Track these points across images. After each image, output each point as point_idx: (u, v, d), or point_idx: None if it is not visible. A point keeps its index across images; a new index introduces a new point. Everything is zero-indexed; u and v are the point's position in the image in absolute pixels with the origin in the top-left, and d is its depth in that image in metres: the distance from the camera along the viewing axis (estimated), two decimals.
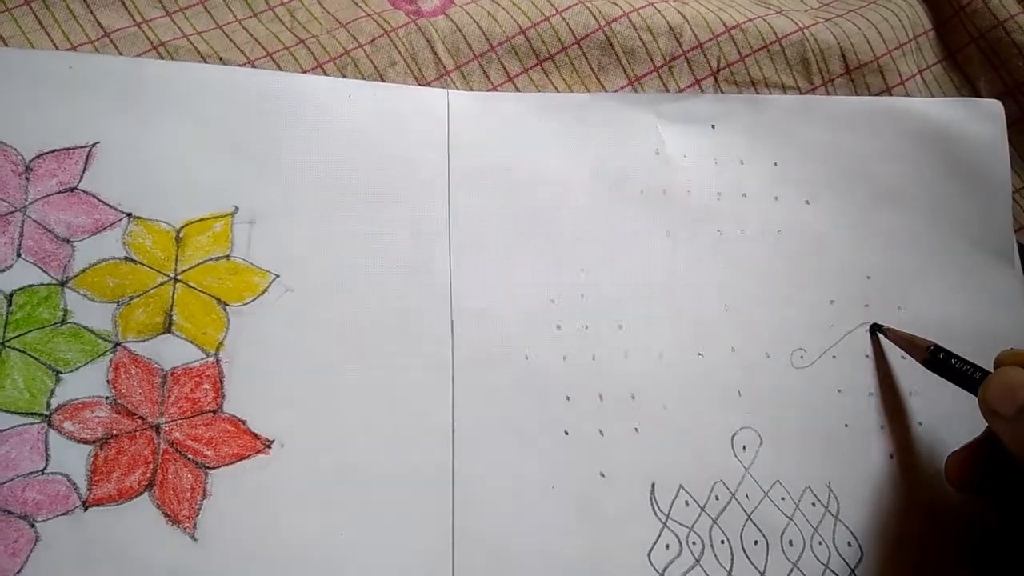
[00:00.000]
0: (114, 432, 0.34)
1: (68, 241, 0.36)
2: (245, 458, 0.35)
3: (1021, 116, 0.47)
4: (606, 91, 0.44)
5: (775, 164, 0.43)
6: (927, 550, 0.38)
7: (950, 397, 0.39)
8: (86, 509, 0.33)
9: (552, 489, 0.37)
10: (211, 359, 0.36)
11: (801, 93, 0.45)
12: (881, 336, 0.41)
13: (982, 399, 0.33)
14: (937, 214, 0.43)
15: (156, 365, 0.35)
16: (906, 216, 0.43)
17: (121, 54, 0.40)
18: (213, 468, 0.34)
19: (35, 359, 0.34)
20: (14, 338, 0.34)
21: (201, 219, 0.37)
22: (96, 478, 0.33)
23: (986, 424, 0.34)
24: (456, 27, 0.44)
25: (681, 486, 0.38)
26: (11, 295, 0.35)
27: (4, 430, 0.33)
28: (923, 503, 0.39)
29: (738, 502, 0.38)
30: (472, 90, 0.43)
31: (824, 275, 0.42)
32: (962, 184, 0.44)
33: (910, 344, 0.39)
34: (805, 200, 0.43)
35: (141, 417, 0.34)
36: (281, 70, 0.41)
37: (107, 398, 0.34)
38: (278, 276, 0.37)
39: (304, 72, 0.41)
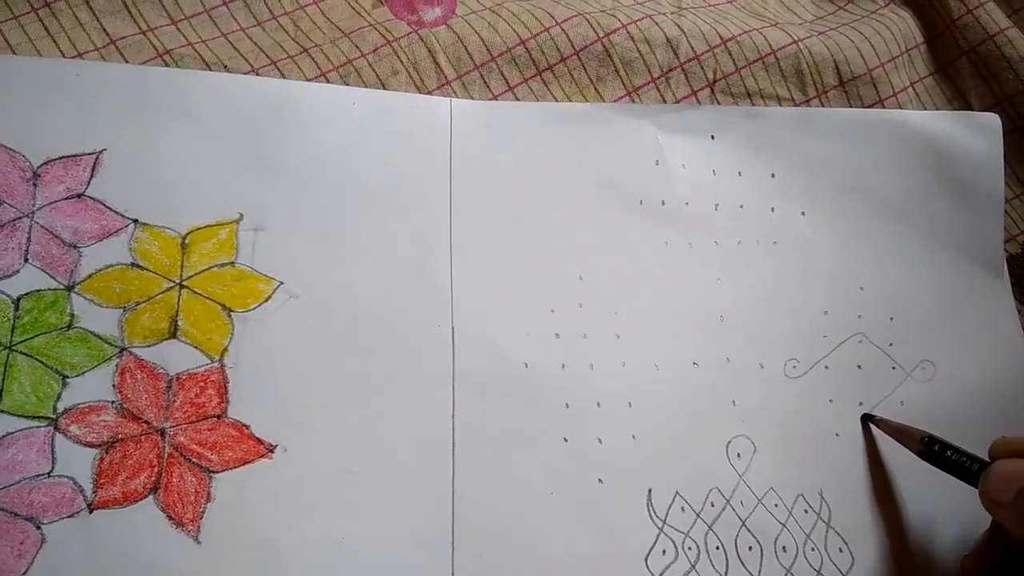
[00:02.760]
0: (119, 436, 0.34)
1: (75, 247, 0.36)
2: (248, 463, 0.35)
3: (1011, 128, 0.48)
4: (604, 101, 0.45)
5: (773, 175, 0.44)
6: (917, 556, 0.39)
7: (939, 408, 0.40)
8: (91, 512, 0.33)
9: (551, 495, 0.37)
10: (215, 364, 0.36)
11: (796, 104, 0.46)
12: (873, 426, 0.41)
13: (983, 492, 0.34)
14: (931, 226, 0.44)
15: (161, 370, 0.36)
16: (900, 227, 0.44)
17: (127, 62, 0.40)
18: (217, 472, 0.35)
19: (42, 363, 0.35)
20: (21, 342, 0.35)
21: (207, 226, 0.38)
22: (101, 481, 0.34)
23: (990, 519, 0.35)
24: (457, 37, 0.44)
25: (677, 493, 0.38)
26: (18, 300, 0.35)
27: (11, 433, 0.34)
28: (912, 510, 0.40)
29: (733, 509, 0.38)
30: (473, 99, 0.44)
31: (818, 286, 0.42)
32: (956, 196, 0.44)
33: (903, 435, 0.39)
34: (801, 211, 0.43)
35: (146, 421, 0.35)
36: (285, 78, 0.42)
37: (113, 402, 0.35)
38: (282, 283, 0.38)
39: (308, 80, 0.42)
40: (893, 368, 0.42)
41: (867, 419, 0.41)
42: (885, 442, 0.40)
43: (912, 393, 0.42)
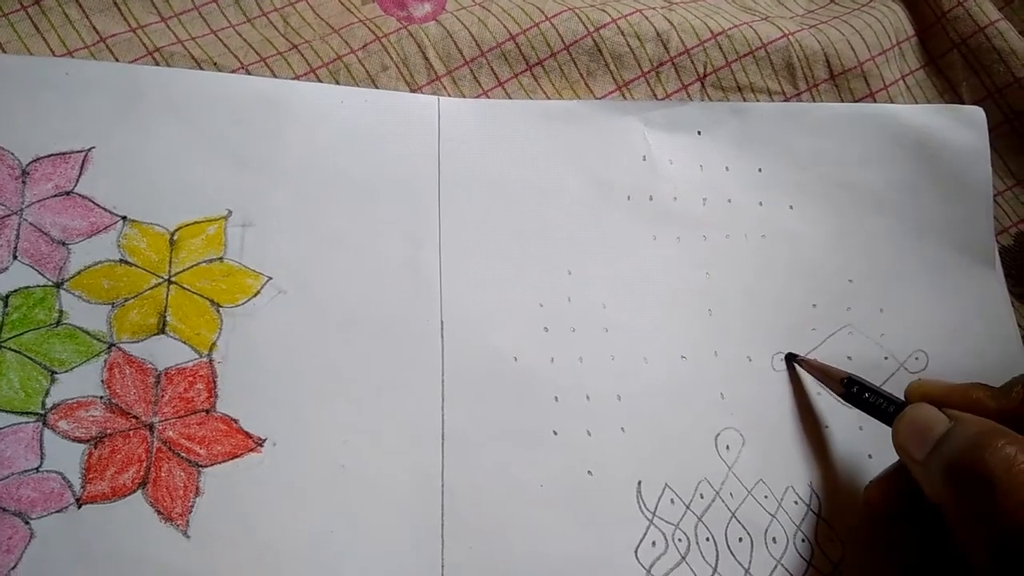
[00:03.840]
0: (108, 431, 0.35)
1: (64, 244, 0.37)
2: (237, 457, 0.35)
3: (1003, 120, 0.48)
4: (595, 96, 0.45)
5: (760, 170, 0.44)
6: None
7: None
8: (80, 507, 0.33)
9: (540, 488, 0.37)
10: (204, 359, 0.36)
11: (786, 98, 0.46)
12: (797, 366, 0.41)
13: (895, 441, 0.33)
14: (919, 219, 0.44)
15: (150, 365, 0.36)
16: (888, 220, 0.44)
17: (117, 59, 0.41)
18: (206, 466, 0.35)
19: (31, 359, 0.35)
20: (10, 339, 0.35)
21: (195, 222, 0.38)
22: (90, 476, 0.34)
23: None
24: (447, 33, 0.44)
25: (667, 485, 0.38)
26: (7, 296, 0.35)
27: (0, 429, 0.34)
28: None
29: (722, 500, 0.39)
30: (463, 95, 0.44)
31: (807, 279, 0.42)
32: (944, 189, 0.44)
33: (825, 375, 0.39)
34: (789, 205, 0.43)
35: (135, 416, 0.35)
36: (275, 75, 0.42)
37: (101, 398, 0.35)
38: (271, 278, 0.38)
39: (297, 77, 0.42)
40: (885, 358, 0.42)
41: (791, 359, 0.41)
42: (877, 435, 0.40)
43: (904, 383, 0.41)
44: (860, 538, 0.39)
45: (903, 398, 0.36)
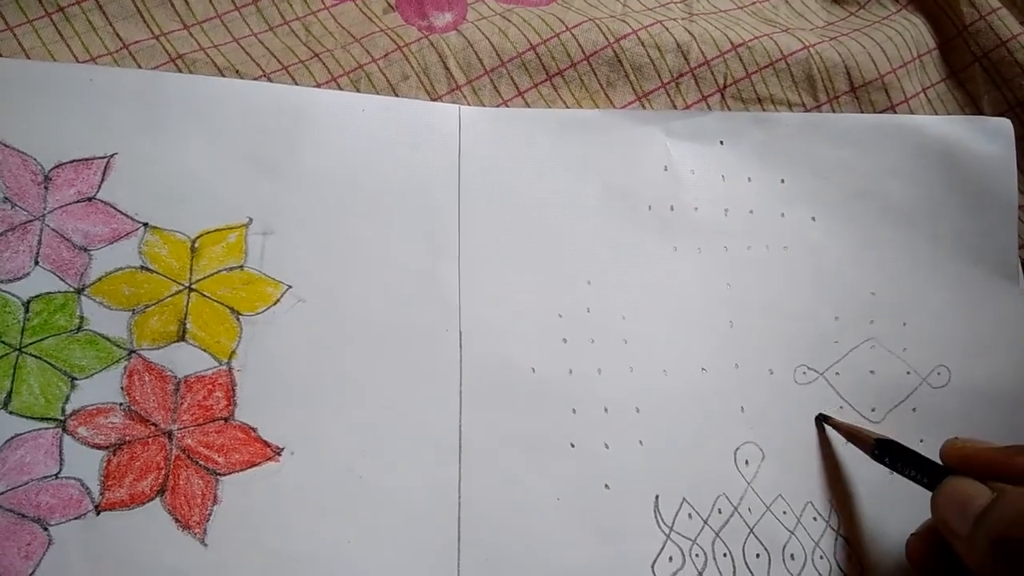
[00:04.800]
0: (127, 438, 0.35)
1: (85, 250, 0.37)
2: (255, 465, 0.35)
3: (1023, 134, 0.48)
4: (614, 106, 0.45)
5: (782, 181, 0.43)
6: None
7: (953, 414, 0.40)
8: (99, 513, 0.34)
9: (558, 501, 0.37)
10: (223, 367, 0.36)
11: (807, 110, 0.46)
12: (828, 427, 0.40)
13: (934, 512, 0.32)
14: (942, 231, 0.44)
15: (169, 373, 0.36)
16: (911, 233, 0.43)
17: (140, 66, 0.41)
18: (224, 475, 0.35)
19: (51, 365, 0.35)
20: (31, 344, 0.35)
21: (216, 230, 0.38)
22: (109, 483, 0.34)
23: None
24: (468, 43, 0.44)
25: (684, 499, 0.38)
26: (28, 302, 0.36)
27: (20, 435, 0.34)
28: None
29: (740, 516, 0.38)
30: (483, 104, 0.44)
31: (829, 292, 0.42)
32: (968, 202, 0.44)
33: (856, 438, 0.38)
34: (812, 217, 0.43)
35: (154, 424, 0.35)
36: (296, 83, 0.42)
37: (121, 404, 0.35)
38: (291, 287, 0.38)
39: (319, 85, 0.42)
40: (908, 373, 0.41)
41: (822, 420, 0.40)
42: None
43: (927, 398, 0.41)
44: None
45: (940, 458, 0.35)
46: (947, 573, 0.35)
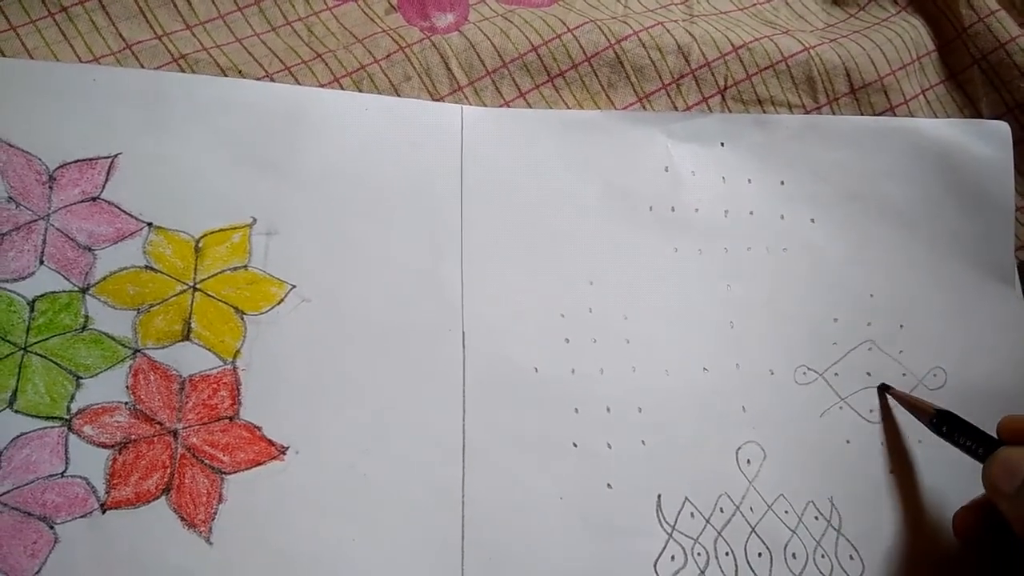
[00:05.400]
0: (133, 437, 0.35)
1: (90, 249, 0.37)
2: (260, 464, 0.35)
3: (1022, 136, 0.48)
4: (615, 107, 0.45)
5: (782, 183, 0.44)
6: (928, 563, 0.39)
7: None
8: (104, 512, 0.34)
9: (560, 500, 0.37)
10: (228, 367, 0.36)
11: (807, 111, 0.46)
12: (889, 396, 0.41)
13: (985, 476, 0.34)
14: (940, 234, 0.44)
15: (174, 372, 0.36)
16: (909, 235, 0.44)
17: (143, 66, 0.41)
18: (229, 473, 0.35)
19: (56, 364, 0.35)
20: (36, 343, 0.35)
21: (220, 230, 0.38)
22: (114, 482, 0.34)
23: None
24: (470, 44, 0.44)
25: (687, 498, 0.38)
26: (33, 301, 0.36)
27: (25, 433, 0.34)
28: (923, 517, 0.40)
29: (742, 515, 0.39)
30: (485, 105, 0.44)
31: (828, 293, 0.42)
32: (965, 204, 0.44)
33: (917, 408, 0.40)
34: (811, 219, 0.43)
35: (159, 422, 0.35)
36: (299, 83, 0.42)
37: (126, 403, 0.35)
38: (295, 286, 0.38)
39: (321, 86, 0.42)
40: (904, 375, 0.42)
41: (883, 389, 0.41)
42: (899, 451, 0.40)
43: (923, 398, 0.41)
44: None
45: (996, 433, 0.36)
46: (991, 545, 0.38)
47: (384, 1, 0.46)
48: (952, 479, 0.40)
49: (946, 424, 0.37)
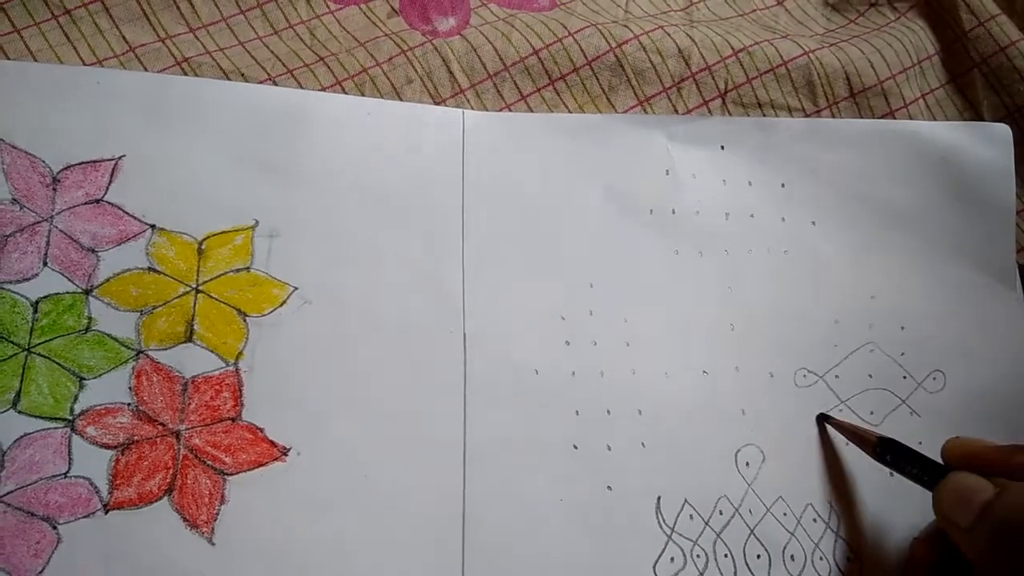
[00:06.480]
0: (135, 438, 0.35)
1: (93, 251, 0.37)
2: (262, 465, 0.36)
3: (1022, 139, 0.48)
4: (616, 111, 0.45)
5: (783, 185, 0.44)
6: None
7: (950, 419, 0.40)
8: (107, 512, 0.34)
9: (560, 501, 0.37)
10: (230, 368, 0.37)
11: (807, 115, 0.46)
12: (829, 427, 0.40)
13: (937, 506, 0.33)
14: (941, 236, 0.44)
15: (177, 373, 0.36)
16: (910, 237, 0.44)
17: (146, 69, 0.41)
18: (231, 474, 0.35)
19: (59, 365, 0.35)
20: (39, 344, 0.35)
21: (223, 232, 0.38)
22: (117, 482, 0.34)
23: None
24: (471, 47, 0.45)
25: (686, 500, 0.38)
26: (37, 303, 0.36)
27: (29, 434, 0.34)
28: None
29: (741, 517, 0.39)
30: (486, 108, 0.44)
31: (829, 295, 0.43)
32: (967, 207, 0.44)
33: (858, 438, 0.38)
34: (812, 221, 0.44)
35: (162, 424, 0.35)
36: (301, 87, 0.42)
37: (129, 404, 0.35)
38: (297, 288, 0.38)
39: (323, 89, 0.42)
40: (904, 377, 0.42)
41: (822, 419, 0.41)
42: None
43: (923, 403, 0.42)
44: None
45: (941, 457, 0.35)
46: (942, 571, 0.36)
47: (386, 5, 0.46)
48: None
49: (890, 452, 0.36)
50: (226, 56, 0.42)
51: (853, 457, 0.40)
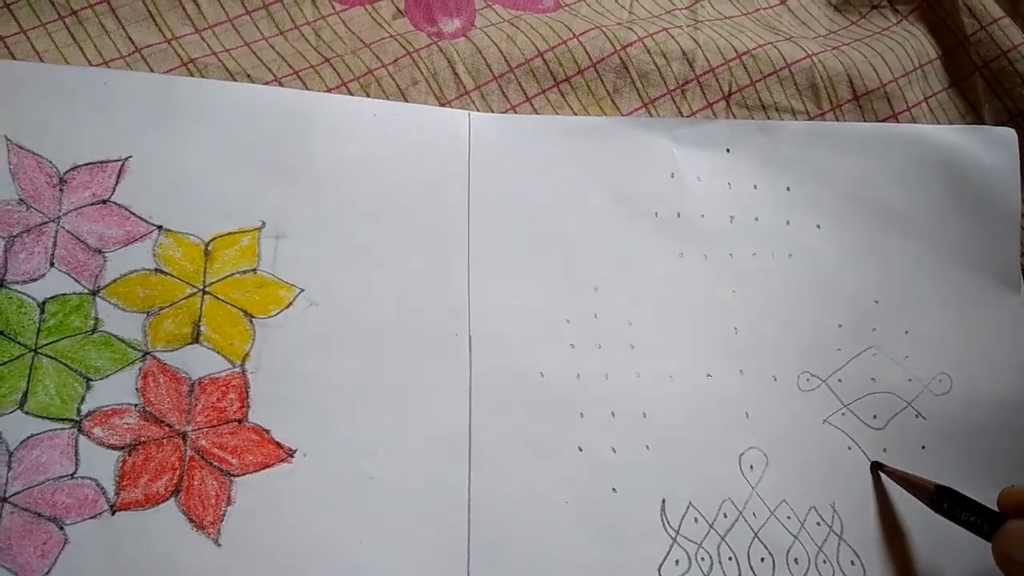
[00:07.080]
0: (142, 439, 0.35)
1: (100, 252, 0.37)
2: (269, 466, 0.36)
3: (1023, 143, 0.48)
4: (621, 113, 0.45)
5: (788, 189, 0.44)
6: (928, 569, 0.39)
7: (956, 423, 0.40)
8: (114, 513, 0.34)
9: (566, 504, 0.38)
10: (237, 369, 0.37)
11: (810, 118, 0.47)
12: (883, 475, 0.40)
13: (997, 552, 0.33)
14: (946, 240, 0.44)
15: (184, 374, 0.36)
16: (914, 241, 0.44)
17: (152, 70, 0.41)
18: (237, 476, 0.35)
19: (66, 366, 0.35)
20: (46, 345, 0.35)
21: (229, 233, 0.38)
22: (124, 483, 0.34)
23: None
24: (476, 49, 0.45)
25: (690, 503, 0.39)
26: (44, 303, 0.36)
27: (36, 435, 0.34)
28: (924, 524, 0.40)
29: (745, 520, 0.39)
30: (491, 110, 0.44)
31: (833, 299, 0.43)
32: (971, 210, 0.44)
33: (913, 487, 0.38)
34: (816, 225, 0.44)
35: (169, 425, 0.35)
36: (307, 88, 0.42)
37: (136, 405, 0.35)
38: (303, 290, 0.38)
39: (329, 90, 0.42)
40: (909, 380, 0.42)
41: (877, 468, 0.40)
42: (901, 457, 0.40)
43: (928, 405, 0.42)
44: None
45: (997, 505, 0.35)
46: None
47: (391, 6, 0.46)
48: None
49: (947, 501, 0.36)
50: (232, 57, 0.42)
51: (858, 460, 0.40)
